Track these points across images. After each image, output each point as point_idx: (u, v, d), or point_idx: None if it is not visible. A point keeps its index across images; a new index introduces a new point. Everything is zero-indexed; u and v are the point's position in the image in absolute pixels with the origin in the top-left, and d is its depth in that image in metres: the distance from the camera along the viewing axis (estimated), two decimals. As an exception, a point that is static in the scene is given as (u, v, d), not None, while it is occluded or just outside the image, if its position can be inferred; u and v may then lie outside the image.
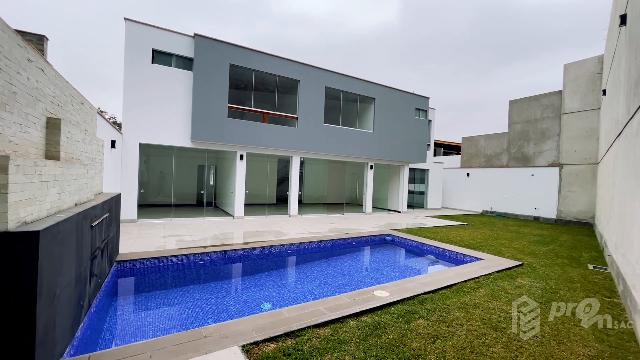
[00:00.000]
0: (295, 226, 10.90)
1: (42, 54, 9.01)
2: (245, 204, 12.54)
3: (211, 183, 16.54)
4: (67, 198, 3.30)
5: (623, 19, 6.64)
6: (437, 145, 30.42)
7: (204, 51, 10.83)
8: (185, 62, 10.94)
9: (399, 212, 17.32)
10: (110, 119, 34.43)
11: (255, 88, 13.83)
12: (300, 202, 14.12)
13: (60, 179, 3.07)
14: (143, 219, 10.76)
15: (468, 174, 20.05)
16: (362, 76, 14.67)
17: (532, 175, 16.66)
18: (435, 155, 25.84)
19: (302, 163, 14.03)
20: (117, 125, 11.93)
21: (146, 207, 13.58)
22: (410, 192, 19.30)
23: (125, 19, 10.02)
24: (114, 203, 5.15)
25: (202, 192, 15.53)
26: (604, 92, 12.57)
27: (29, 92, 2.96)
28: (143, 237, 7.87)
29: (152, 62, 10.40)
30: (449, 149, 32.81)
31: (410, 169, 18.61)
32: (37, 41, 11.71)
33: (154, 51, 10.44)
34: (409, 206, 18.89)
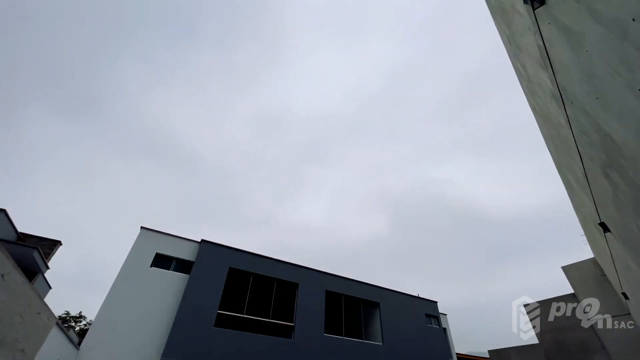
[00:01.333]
0: None
1: (41, 257, 8.94)
2: None
3: None
4: None
5: (605, 227, 7.09)
6: (460, 359, 25.23)
7: (206, 255, 11.04)
8: (184, 265, 10.85)
9: None
10: (88, 324, 30.50)
11: (251, 291, 13.04)
12: None
13: None
14: None
15: (517, 407, 15.06)
16: (361, 279, 14.28)
17: (604, 409, 12.42)
18: (463, 375, 20.87)
19: (297, 391, 10.80)
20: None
21: None
22: None
23: (142, 227, 10.86)
24: None
25: None
26: (625, 295, 11.77)
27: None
28: None
29: (151, 265, 10.26)
30: (475, 365, 26.98)
31: (439, 399, 14.19)
32: (50, 245, 12.15)
33: (157, 255, 10.58)
34: None
